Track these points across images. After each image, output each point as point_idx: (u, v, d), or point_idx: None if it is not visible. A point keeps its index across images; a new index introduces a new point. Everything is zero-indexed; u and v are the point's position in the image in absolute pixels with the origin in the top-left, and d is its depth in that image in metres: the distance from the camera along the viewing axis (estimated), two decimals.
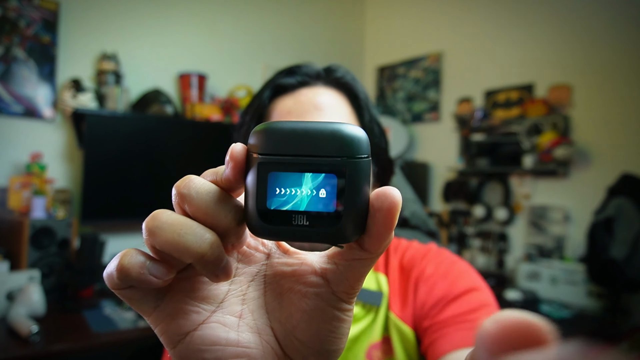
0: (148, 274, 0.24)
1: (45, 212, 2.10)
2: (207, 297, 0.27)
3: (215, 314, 0.27)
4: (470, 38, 3.13)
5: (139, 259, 0.24)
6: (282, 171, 0.24)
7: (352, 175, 0.23)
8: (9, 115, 2.24)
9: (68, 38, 2.41)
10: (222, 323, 0.26)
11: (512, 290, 2.46)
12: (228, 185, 0.25)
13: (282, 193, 0.24)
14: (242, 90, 2.97)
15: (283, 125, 0.24)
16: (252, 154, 0.24)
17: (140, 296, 0.26)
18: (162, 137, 2.55)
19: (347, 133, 0.24)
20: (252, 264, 0.29)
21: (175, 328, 0.26)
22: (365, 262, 0.25)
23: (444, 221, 3.15)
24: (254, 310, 0.28)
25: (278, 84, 0.68)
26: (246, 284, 0.28)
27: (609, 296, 2.23)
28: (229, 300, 0.27)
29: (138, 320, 1.81)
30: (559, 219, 2.61)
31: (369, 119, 0.69)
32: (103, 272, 0.27)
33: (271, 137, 0.24)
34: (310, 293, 0.26)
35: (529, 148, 2.68)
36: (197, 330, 0.26)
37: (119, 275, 0.24)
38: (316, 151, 0.24)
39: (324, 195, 0.24)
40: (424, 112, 3.42)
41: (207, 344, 0.25)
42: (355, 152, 0.24)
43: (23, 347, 1.50)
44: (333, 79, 0.69)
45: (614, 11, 2.44)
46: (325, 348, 0.27)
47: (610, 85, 2.44)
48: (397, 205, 0.23)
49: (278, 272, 0.28)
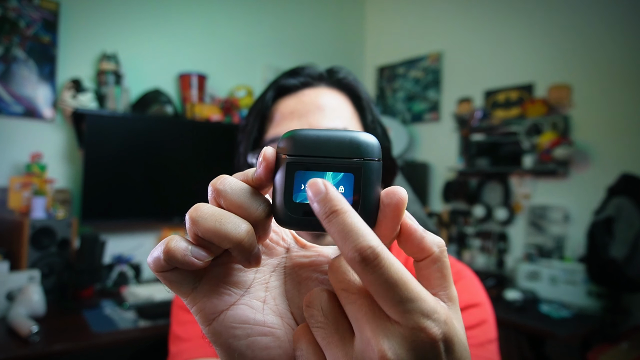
0: (191, 256, 0.27)
1: (45, 212, 2.10)
2: (237, 282, 0.30)
3: (243, 297, 0.30)
4: (470, 38, 3.13)
5: (183, 244, 0.27)
6: (307, 170, 0.28)
7: (366, 175, 0.28)
8: (9, 115, 2.24)
9: (68, 38, 2.41)
10: (249, 305, 0.30)
11: (512, 290, 2.46)
12: (259, 182, 0.29)
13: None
14: (242, 90, 2.97)
15: (308, 132, 0.29)
16: (281, 155, 0.28)
17: (181, 278, 0.29)
18: (162, 137, 2.55)
19: (363, 139, 0.28)
20: (274, 256, 0.32)
21: (210, 307, 0.29)
22: None
23: (444, 221, 3.15)
24: (276, 297, 0.31)
25: (281, 85, 0.69)
26: (269, 274, 0.32)
27: (609, 296, 2.23)
28: (255, 287, 0.31)
29: (138, 320, 1.81)
30: (559, 219, 2.61)
31: (371, 120, 0.70)
32: (102, 270, 0.28)
33: (298, 141, 0.28)
34: (326, 280, 0.30)
35: (529, 148, 2.68)
36: (229, 310, 0.29)
37: (165, 257, 0.27)
38: (336, 154, 0.28)
39: (343, 191, 0.27)
40: (424, 112, 3.42)
41: (237, 322, 0.29)
42: (370, 155, 0.28)
43: (23, 347, 1.50)
44: (335, 80, 0.70)
45: (614, 11, 2.44)
46: None
47: (610, 85, 2.44)
48: (404, 201, 0.26)
49: (297, 263, 0.32)
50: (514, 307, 2.27)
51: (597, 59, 2.49)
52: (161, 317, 1.82)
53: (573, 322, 2.12)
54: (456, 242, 3.09)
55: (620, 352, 1.91)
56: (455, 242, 3.09)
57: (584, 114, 2.54)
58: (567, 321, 2.12)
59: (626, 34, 2.39)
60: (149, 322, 1.80)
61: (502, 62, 2.94)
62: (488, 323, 0.69)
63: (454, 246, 3.08)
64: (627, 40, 2.39)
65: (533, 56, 2.78)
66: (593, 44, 2.51)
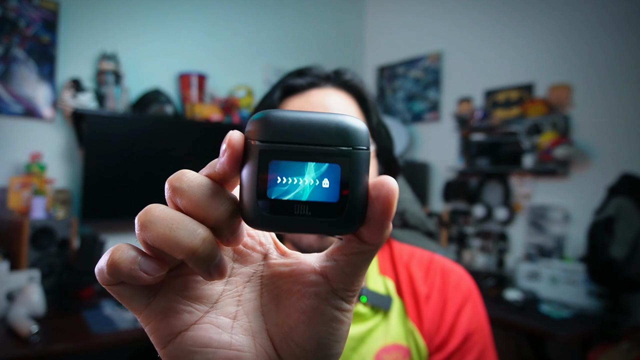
0: (139, 269, 0.23)
1: (45, 212, 2.10)
2: (201, 297, 0.26)
3: (208, 314, 0.26)
4: (470, 38, 3.13)
5: (130, 254, 0.23)
6: (285, 160, 0.23)
7: (356, 166, 0.23)
8: (9, 115, 2.24)
9: (68, 38, 2.41)
10: (215, 324, 0.26)
11: (512, 290, 2.46)
12: (223, 174, 0.24)
13: (284, 182, 0.23)
14: (242, 90, 2.97)
15: (285, 113, 0.24)
16: (251, 141, 0.23)
17: (131, 293, 0.25)
18: (162, 137, 2.55)
19: (351, 124, 0.24)
20: (249, 264, 0.28)
21: (165, 327, 0.25)
22: (364, 255, 0.25)
23: (444, 221, 3.14)
24: (250, 312, 0.27)
25: (288, 85, 0.69)
26: (242, 285, 0.28)
27: (609, 296, 2.23)
28: (224, 301, 0.27)
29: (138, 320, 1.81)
30: (559, 218, 2.61)
31: (376, 122, 0.71)
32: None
33: (273, 125, 0.23)
34: (310, 292, 0.26)
35: (529, 148, 2.68)
36: (189, 331, 0.25)
37: (109, 270, 0.23)
38: (319, 141, 0.23)
39: (327, 185, 0.23)
40: (424, 112, 3.42)
41: (198, 345, 0.25)
42: (359, 143, 0.24)
43: (23, 347, 1.50)
44: (342, 81, 0.70)
45: (614, 11, 2.44)
46: (323, 352, 0.26)
47: (610, 85, 2.44)
48: (394, 193, 0.23)
49: (276, 272, 0.28)
50: (514, 307, 2.27)
51: (597, 59, 2.49)
52: None
53: (573, 322, 2.12)
54: (456, 242, 3.09)
55: (621, 352, 1.91)
56: (456, 242, 3.09)
57: (584, 114, 2.54)
58: (567, 321, 2.12)
59: (626, 34, 2.39)
60: None
61: (502, 62, 2.94)
62: (490, 349, 0.72)
63: (454, 246, 3.08)
64: (627, 40, 2.39)
65: (533, 56, 2.78)
66: (593, 44, 2.51)
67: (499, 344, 0.73)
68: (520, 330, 2.17)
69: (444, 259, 0.77)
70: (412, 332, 0.68)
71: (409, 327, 0.68)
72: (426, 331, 0.68)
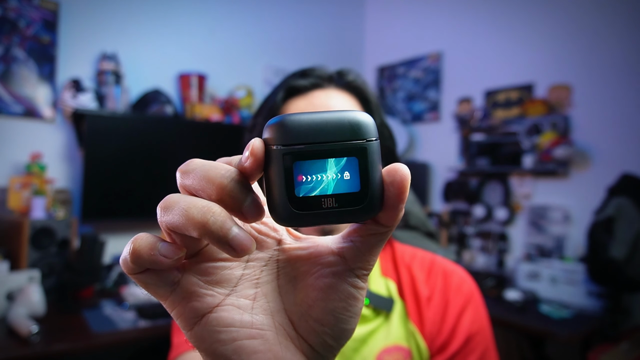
0: (158, 254, 0.25)
1: (45, 212, 2.10)
2: (221, 281, 0.28)
3: (229, 297, 0.28)
4: (470, 38, 3.13)
5: (149, 240, 0.25)
6: (307, 159, 0.25)
7: (371, 156, 0.26)
8: (9, 115, 2.24)
9: (68, 38, 2.41)
10: (236, 306, 0.28)
11: (512, 290, 2.46)
12: (249, 175, 0.26)
13: (309, 180, 0.25)
14: (241, 90, 2.97)
15: (300, 116, 0.26)
16: (272, 146, 0.25)
17: (156, 280, 0.27)
18: (162, 137, 2.55)
19: (361, 119, 0.26)
20: (264, 249, 0.30)
21: (190, 311, 0.27)
22: (380, 236, 0.27)
23: (444, 221, 3.15)
24: (268, 294, 0.29)
25: (291, 86, 0.69)
26: (259, 269, 0.29)
27: (609, 296, 2.23)
28: (243, 284, 0.29)
29: (138, 320, 1.81)
30: (559, 218, 2.61)
31: (379, 123, 0.71)
32: (102, 270, 0.27)
33: (291, 128, 0.25)
34: (328, 272, 0.28)
35: (529, 148, 2.68)
36: (212, 313, 0.27)
37: (132, 258, 0.25)
38: (335, 137, 0.25)
39: (348, 177, 0.25)
40: (424, 112, 3.42)
41: (222, 325, 0.27)
42: (370, 135, 0.26)
43: (23, 347, 1.50)
44: (345, 82, 0.71)
45: (614, 11, 2.44)
46: (340, 326, 0.28)
47: (610, 85, 2.44)
48: (407, 177, 0.25)
49: (293, 256, 0.30)
50: (514, 307, 2.27)
51: (597, 59, 2.49)
52: (161, 317, 1.82)
53: (573, 322, 2.12)
54: (456, 242, 3.09)
55: (621, 352, 1.91)
56: (456, 242, 3.09)
57: (583, 114, 2.54)
58: (567, 321, 2.12)
59: (626, 34, 2.39)
60: (148, 322, 1.80)
61: (502, 62, 2.94)
62: (491, 350, 0.72)
63: (454, 246, 3.08)
64: (627, 41, 2.39)
65: (533, 56, 2.78)
66: (593, 44, 2.51)
67: (499, 344, 0.73)
68: (520, 330, 2.17)
69: (445, 261, 0.77)
70: (413, 333, 0.68)
71: (410, 328, 0.68)
72: (427, 333, 0.68)
